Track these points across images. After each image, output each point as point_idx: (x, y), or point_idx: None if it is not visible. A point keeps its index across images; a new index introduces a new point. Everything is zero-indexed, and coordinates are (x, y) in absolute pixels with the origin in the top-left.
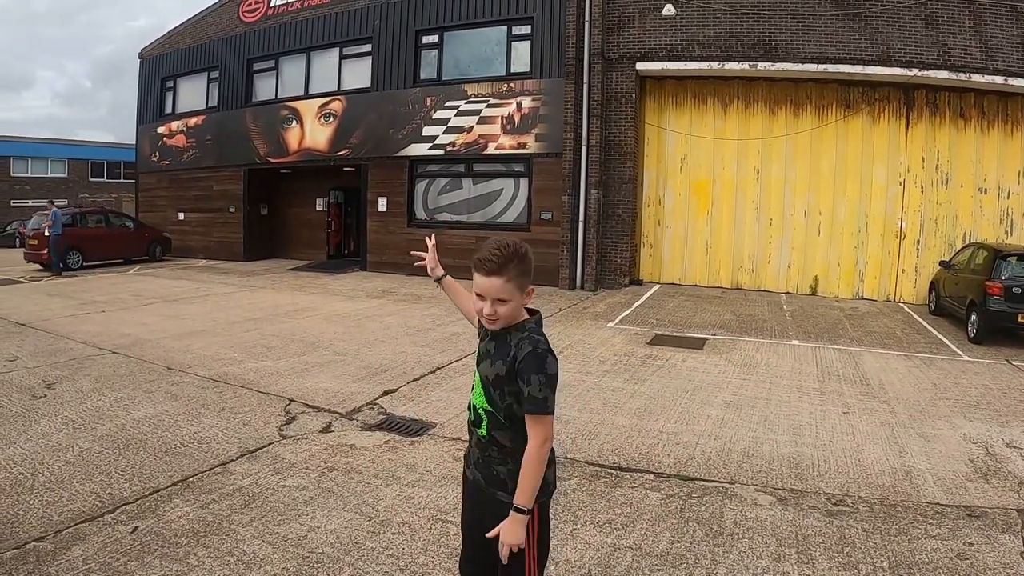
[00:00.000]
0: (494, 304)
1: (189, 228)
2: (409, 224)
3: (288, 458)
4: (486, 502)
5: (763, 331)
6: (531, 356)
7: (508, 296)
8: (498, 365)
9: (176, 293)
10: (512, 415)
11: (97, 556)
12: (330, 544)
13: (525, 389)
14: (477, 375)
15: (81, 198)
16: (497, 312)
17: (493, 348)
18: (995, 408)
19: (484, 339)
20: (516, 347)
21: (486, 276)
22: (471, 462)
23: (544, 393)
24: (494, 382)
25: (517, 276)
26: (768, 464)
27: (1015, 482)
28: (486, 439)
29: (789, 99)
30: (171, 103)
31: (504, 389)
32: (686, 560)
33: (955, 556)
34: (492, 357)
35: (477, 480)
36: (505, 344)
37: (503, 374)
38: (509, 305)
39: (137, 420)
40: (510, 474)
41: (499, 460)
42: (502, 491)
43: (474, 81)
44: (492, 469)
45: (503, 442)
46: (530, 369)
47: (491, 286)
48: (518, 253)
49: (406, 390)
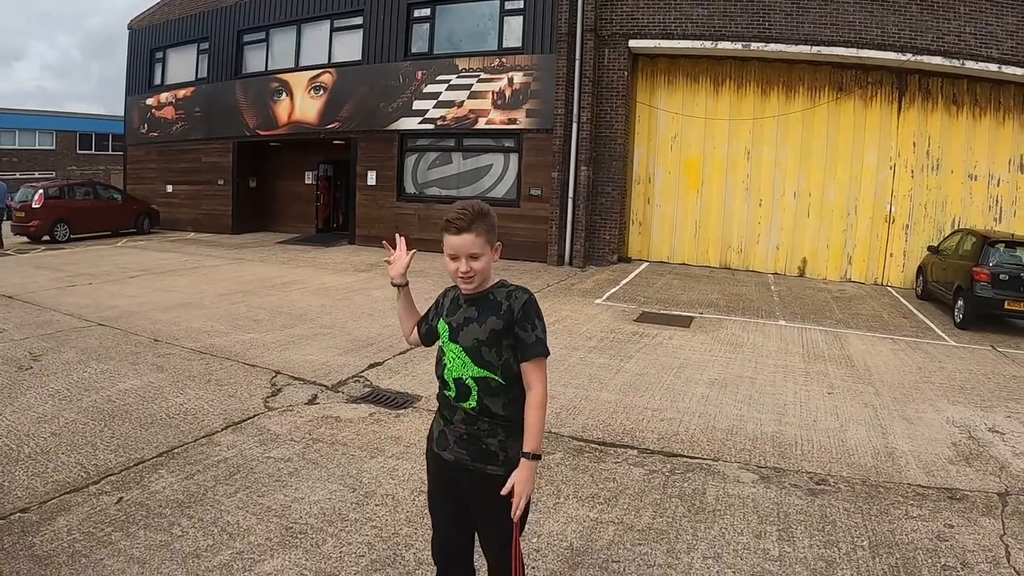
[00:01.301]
0: (468, 261)
1: (177, 201)
2: (398, 198)
3: (273, 430)
4: (473, 480)
5: (750, 311)
6: (529, 304)
7: (480, 250)
8: (491, 322)
9: (164, 265)
10: (509, 371)
11: (81, 526)
12: (313, 515)
13: (529, 335)
14: (453, 349)
15: (69, 170)
16: (472, 268)
17: (476, 312)
18: (979, 393)
19: (456, 311)
20: (509, 300)
21: (457, 234)
22: (449, 442)
23: (544, 336)
24: (488, 341)
25: (486, 231)
26: (752, 442)
27: (996, 466)
28: (475, 411)
29: (782, 80)
30: (160, 75)
31: (502, 344)
32: (667, 535)
33: (935, 537)
34: (479, 320)
35: (460, 460)
36: (491, 302)
37: (500, 329)
38: (482, 260)
39: (123, 392)
40: (501, 445)
41: (488, 432)
42: (492, 465)
43: (465, 55)
44: (480, 444)
45: (495, 410)
46: (531, 315)
47: (463, 242)
48: (482, 211)
49: (392, 363)
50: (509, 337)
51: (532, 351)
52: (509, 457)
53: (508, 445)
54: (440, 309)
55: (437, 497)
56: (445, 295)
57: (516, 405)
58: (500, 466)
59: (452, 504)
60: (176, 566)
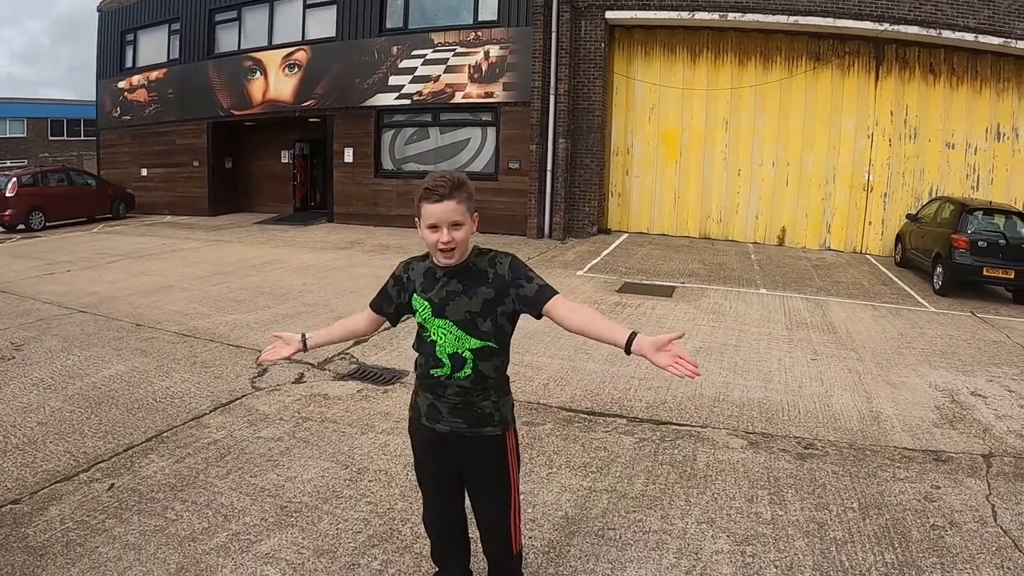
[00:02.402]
0: (450, 230)
1: (152, 184)
2: (376, 175)
3: (262, 410)
4: (472, 447)
5: (731, 280)
6: (515, 263)
7: (461, 218)
8: (482, 292)
9: (142, 250)
10: (502, 335)
11: (74, 515)
12: (308, 493)
13: (531, 286)
14: (441, 325)
15: (42, 157)
16: (454, 238)
17: (461, 286)
18: (960, 358)
19: (434, 286)
20: (493, 267)
21: (438, 201)
22: (442, 414)
23: (544, 281)
24: (483, 312)
25: (466, 199)
26: (739, 408)
27: (980, 428)
28: (471, 378)
29: (759, 50)
30: (131, 57)
31: (496, 311)
32: (661, 502)
33: (923, 498)
34: (466, 292)
35: (456, 429)
36: (475, 272)
37: (492, 297)
38: (464, 229)
39: (108, 378)
40: (495, 406)
41: (482, 395)
42: (489, 426)
43: (441, 30)
44: (475, 409)
45: (488, 374)
46: (522, 271)
47: (445, 210)
48: (460, 179)
49: (377, 339)
50: (505, 303)
51: (544, 296)
52: (503, 416)
53: (500, 404)
54: (408, 284)
55: (429, 470)
56: (408, 269)
57: (505, 365)
58: (496, 426)
59: (445, 475)
60: (172, 550)
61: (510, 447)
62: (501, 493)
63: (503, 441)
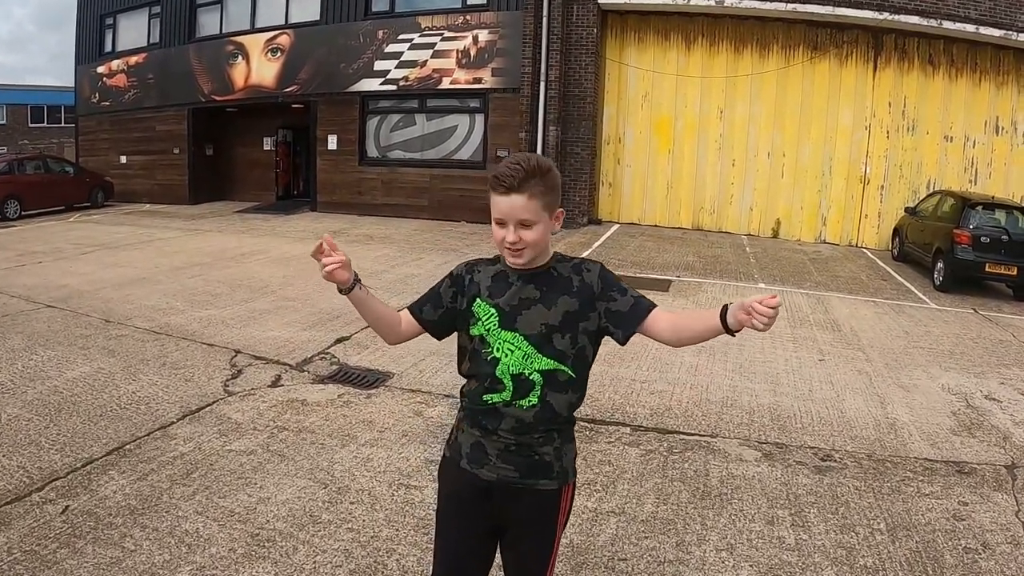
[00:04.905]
0: (518, 229)
1: (132, 172)
2: (361, 162)
3: (234, 418)
4: (518, 501)
5: (728, 273)
6: (605, 272)
7: (533, 217)
8: (563, 303)
9: (118, 240)
10: (581, 362)
11: (23, 544)
12: (281, 518)
13: (625, 300)
14: (508, 339)
15: (21, 144)
16: (522, 239)
17: (539, 292)
18: (969, 358)
19: (505, 291)
20: (579, 274)
21: (505, 194)
22: (489, 456)
23: (638, 293)
24: (561, 326)
25: (541, 193)
26: (749, 415)
27: (999, 436)
28: (536, 411)
29: (755, 38)
30: (111, 41)
31: (577, 327)
32: (674, 525)
33: (952, 517)
34: (545, 300)
35: (504, 477)
36: (556, 279)
37: (575, 310)
38: (536, 229)
39: (71, 380)
40: (556, 453)
41: (544, 438)
42: (546, 478)
43: (428, 13)
44: (534, 454)
45: (559, 410)
46: (611, 282)
47: (512, 205)
48: (541, 167)
49: (360, 337)
50: (590, 317)
51: (641, 310)
52: (564, 467)
53: (563, 452)
54: (470, 287)
55: (455, 521)
56: (472, 269)
57: (578, 404)
58: (554, 479)
59: (475, 536)
60: None
61: (564, 505)
62: (543, 551)
63: (558, 497)
